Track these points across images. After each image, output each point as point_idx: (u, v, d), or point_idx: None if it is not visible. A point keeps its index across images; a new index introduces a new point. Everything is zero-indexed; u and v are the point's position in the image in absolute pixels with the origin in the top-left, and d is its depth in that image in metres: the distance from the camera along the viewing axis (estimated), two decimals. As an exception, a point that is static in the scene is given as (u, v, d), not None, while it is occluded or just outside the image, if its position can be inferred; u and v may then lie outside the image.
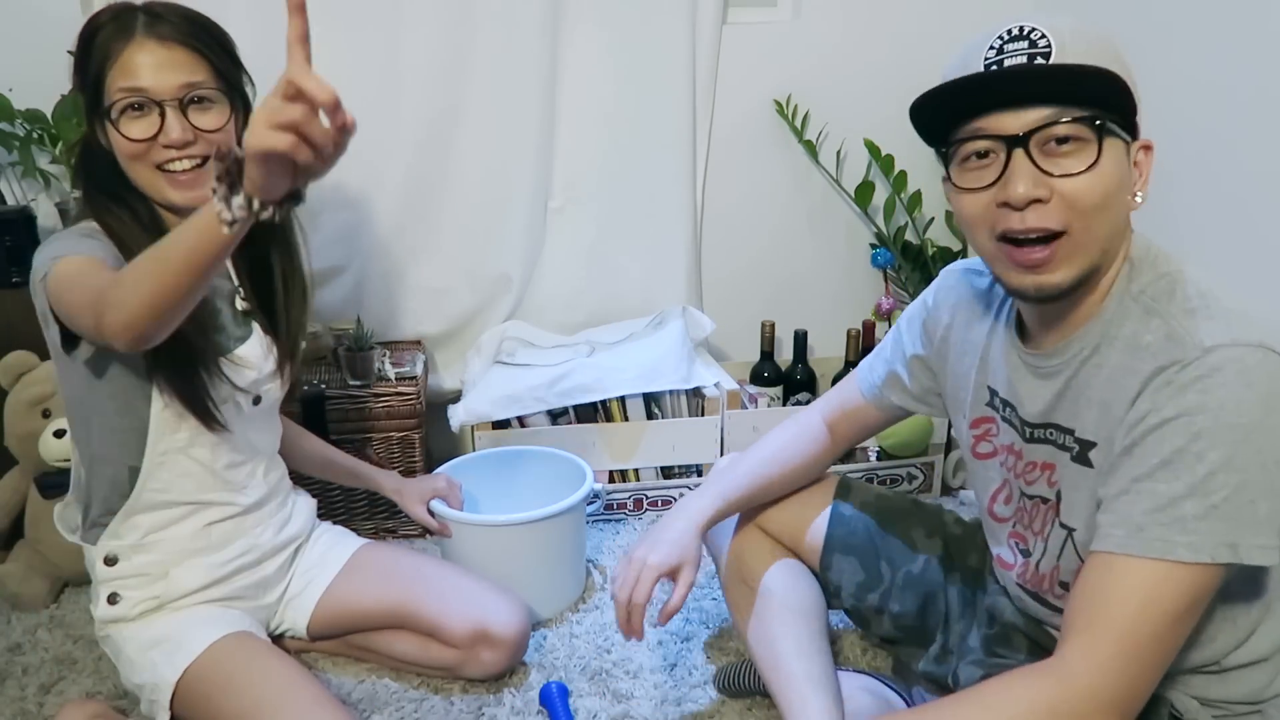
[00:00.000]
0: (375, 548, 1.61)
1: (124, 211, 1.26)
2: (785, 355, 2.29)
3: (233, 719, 1.26)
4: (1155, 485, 0.88)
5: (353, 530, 1.65)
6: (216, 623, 1.34)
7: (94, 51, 1.21)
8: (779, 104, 2.25)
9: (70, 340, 1.23)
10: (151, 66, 1.20)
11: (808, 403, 1.94)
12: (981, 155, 0.94)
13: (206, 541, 1.38)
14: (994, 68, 0.91)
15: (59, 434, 1.72)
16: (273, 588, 1.48)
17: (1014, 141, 0.90)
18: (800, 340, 2.21)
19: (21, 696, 1.52)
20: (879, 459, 2.13)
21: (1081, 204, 0.90)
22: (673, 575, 1.21)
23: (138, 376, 1.28)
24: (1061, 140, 0.90)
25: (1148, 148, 0.96)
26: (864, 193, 2.28)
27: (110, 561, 1.35)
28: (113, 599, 1.34)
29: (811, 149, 2.30)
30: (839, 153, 2.31)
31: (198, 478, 1.36)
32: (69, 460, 1.51)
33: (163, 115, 1.21)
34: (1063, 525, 1.04)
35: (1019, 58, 0.90)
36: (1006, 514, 1.17)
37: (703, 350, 2.24)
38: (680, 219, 2.28)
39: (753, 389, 2.23)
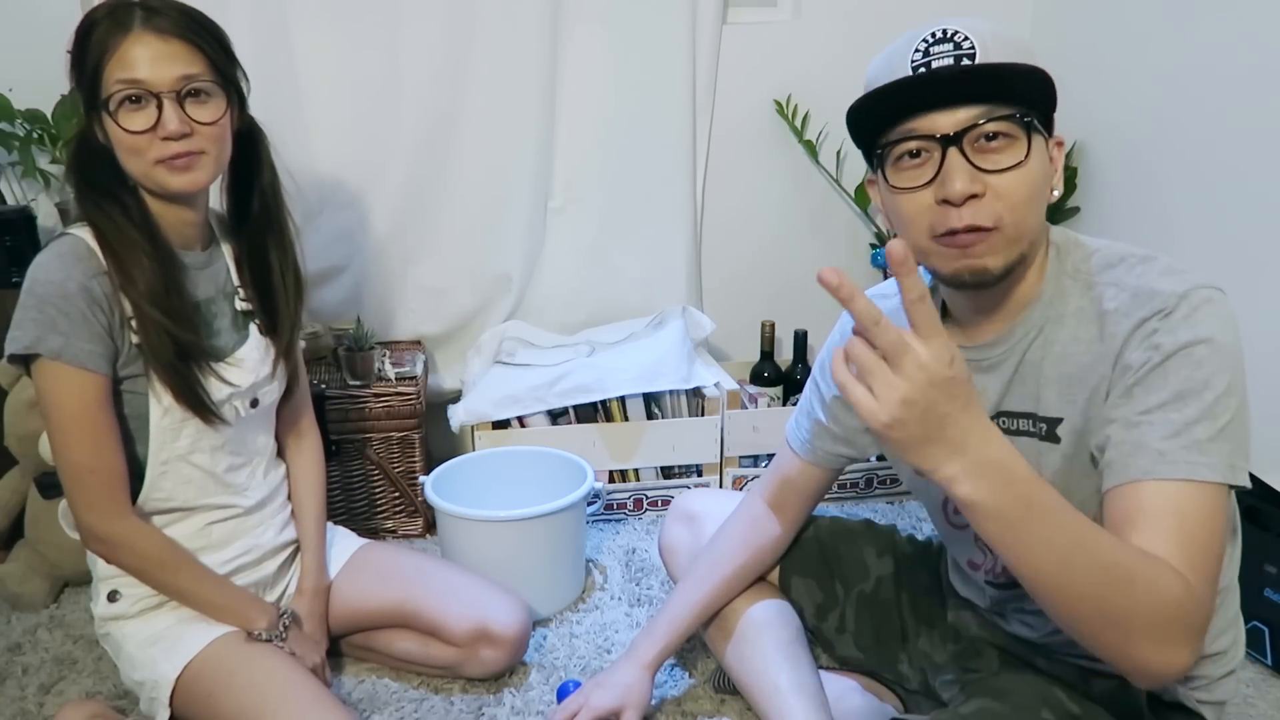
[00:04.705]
0: (376, 547, 1.61)
1: (115, 208, 1.25)
2: (785, 355, 2.29)
3: (232, 717, 1.26)
4: (1167, 414, 0.89)
5: (353, 530, 1.65)
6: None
7: (91, 45, 1.21)
8: (779, 104, 2.25)
9: None
10: (149, 59, 1.20)
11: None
12: (914, 155, 0.95)
13: (207, 541, 1.37)
14: (922, 70, 0.93)
15: (59, 434, 1.71)
16: (273, 587, 1.48)
17: (948, 140, 0.92)
18: (800, 340, 2.21)
19: (21, 696, 1.52)
20: (879, 459, 2.13)
21: (1014, 198, 0.93)
22: (616, 716, 1.30)
23: (135, 390, 1.28)
24: (991, 137, 0.92)
25: (1060, 144, 1.00)
26: (864, 193, 2.29)
27: (111, 559, 1.35)
28: (113, 596, 1.34)
29: (811, 149, 2.30)
30: (839, 153, 2.31)
31: (199, 483, 1.36)
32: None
33: (160, 107, 1.21)
34: None
35: (945, 59, 0.93)
36: (964, 520, 1.17)
37: (703, 350, 2.24)
38: (680, 219, 2.28)
39: (753, 389, 2.23)
